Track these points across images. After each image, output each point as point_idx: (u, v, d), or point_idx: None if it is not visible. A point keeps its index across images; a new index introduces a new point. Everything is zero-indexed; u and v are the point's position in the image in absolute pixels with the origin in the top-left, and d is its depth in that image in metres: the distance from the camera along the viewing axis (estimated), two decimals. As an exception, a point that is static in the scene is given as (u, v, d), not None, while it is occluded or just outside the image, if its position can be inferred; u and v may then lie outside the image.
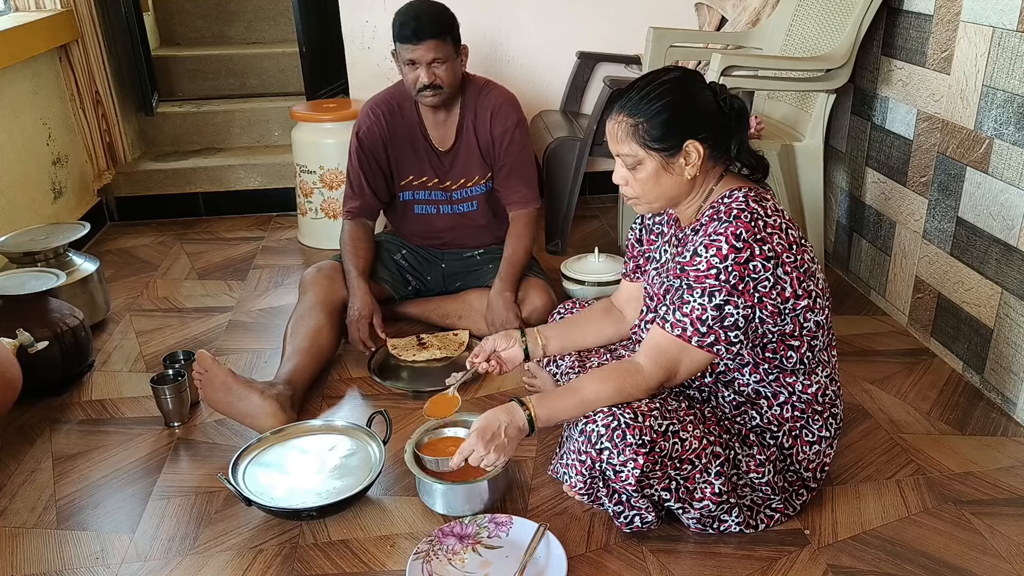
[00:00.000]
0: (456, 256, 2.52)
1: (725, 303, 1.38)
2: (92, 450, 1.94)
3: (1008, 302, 1.99)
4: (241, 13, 4.45)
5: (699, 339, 1.41)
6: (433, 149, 2.38)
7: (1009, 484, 1.76)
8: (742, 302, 1.39)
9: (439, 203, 2.45)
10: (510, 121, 2.36)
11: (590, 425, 1.46)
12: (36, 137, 2.98)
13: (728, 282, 1.38)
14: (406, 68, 2.24)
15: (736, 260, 1.37)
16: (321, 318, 2.22)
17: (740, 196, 1.44)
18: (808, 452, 1.57)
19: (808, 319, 1.46)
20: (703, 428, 1.49)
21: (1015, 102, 1.92)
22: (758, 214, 1.40)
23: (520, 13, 3.32)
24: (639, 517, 1.56)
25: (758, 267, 1.38)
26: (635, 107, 1.45)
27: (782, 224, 1.42)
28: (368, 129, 2.37)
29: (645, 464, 1.43)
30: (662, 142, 1.44)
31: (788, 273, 1.40)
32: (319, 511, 1.65)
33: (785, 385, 1.52)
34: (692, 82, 1.48)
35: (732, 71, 2.34)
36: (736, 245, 1.37)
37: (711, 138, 1.45)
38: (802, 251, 1.44)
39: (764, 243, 1.38)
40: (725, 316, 1.39)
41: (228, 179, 3.53)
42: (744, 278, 1.38)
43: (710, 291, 1.39)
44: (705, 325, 1.40)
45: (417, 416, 2.03)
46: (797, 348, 1.48)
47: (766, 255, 1.38)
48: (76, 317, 2.19)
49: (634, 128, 1.45)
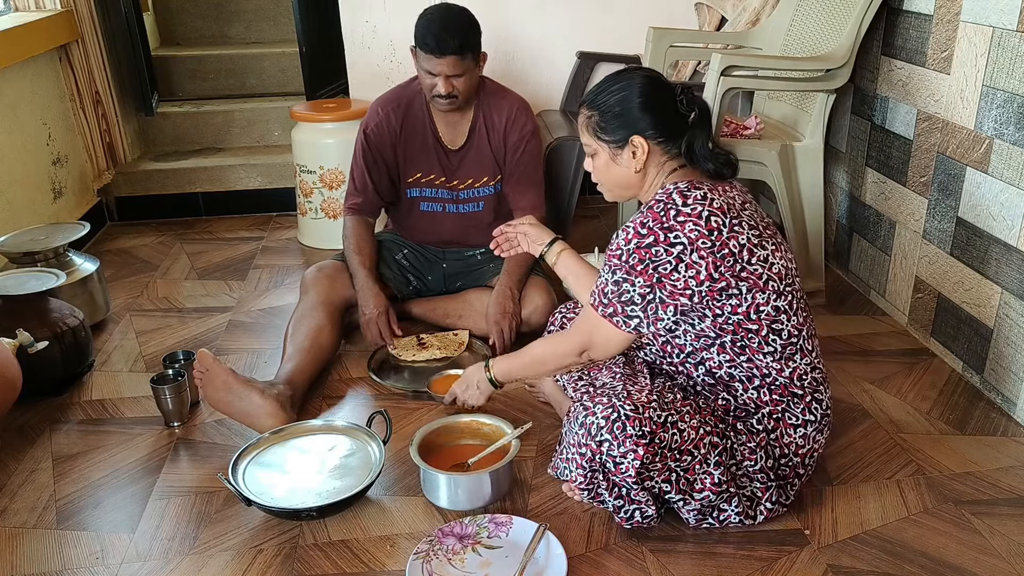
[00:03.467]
0: (457, 256, 2.52)
1: (623, 280, 1.49)
2: (92, 450, 1.94)
3: (1008, 302, 1.99)
4: (241, 13, 4.45)
5: (602, 309, 1.53)
6: (442, 147, 2.38)
7: (1009, 484, 1.76)
8: (640, 281, 1.48)
9: (445, 201, 2.44)
10: (526, 129, 2.36)
11: (590, 418, 1.48)
12: (36, 137, 2.98)
13: (627, 262, 1.48)
14: (424, 74, 2.22)
15: (638, 244, 1.47)
16: (322, 318, 2.22)
17: (669, 188, 1.51)
18: (794, 435, 1.58)
19: (756, 299, 1.49)
20: (700, 418, 1.52)
21: (1015, 102, 1.92)
22: (672, 204, 1.47)
23: (520, 13, 3.32)
24: (639, 511, 1.56)
25: (660, 252, 1.46)
26: (593, 102, 1.58)
27: (702, 212, 1.46)
28: (376, 126, 2.37)
29: (645, 455, 1.44)
30: (610, 134, 1.56)
31: (703, 258, 1.46)
32: (319, 511, 1.65)
33: (758, 367, 1.55)
34: (649, 80, 1.56)
35: (732, 71, 2.34)
36: (640, 232, 1.48)
37: (660, 135, 1.54)
38: (731, 238, 1.47)
39: (671, 231, 1.46)
40: (623, 292, 1.50)
41: (228, 179, 3.53)
42: (644, 260, 1.47)
43: (613, 268, 1.51)
44: (606, 297, 1.52)
45: (417, 416, 2.04)
46: (756, 331, 1.52)
47: (670, 241, 1.46)
48: (76, 317, 2.19)
49: (589, 120, 1.58)
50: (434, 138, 2.37)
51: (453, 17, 2.20)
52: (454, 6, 2.25)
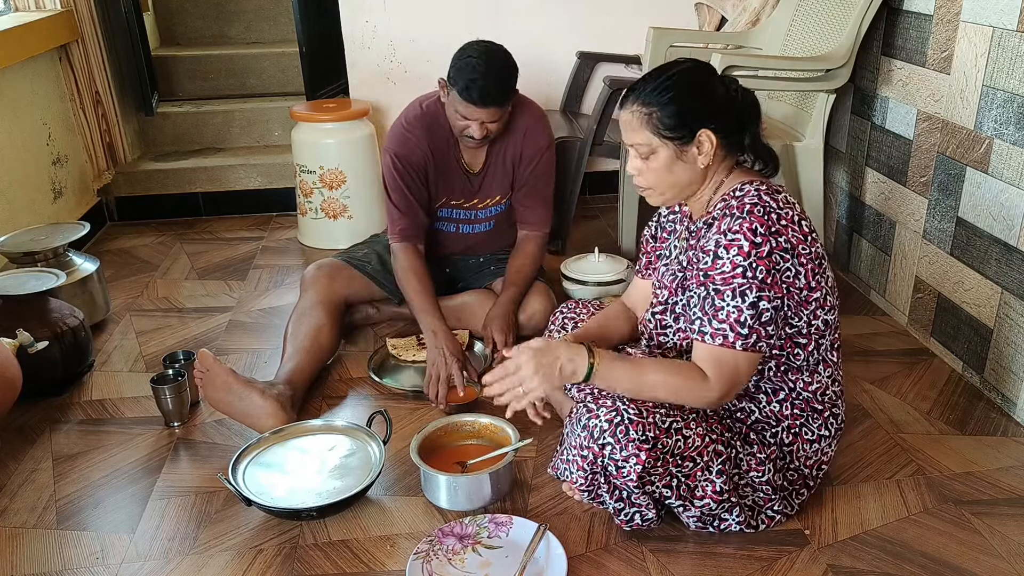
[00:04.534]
0: (462, 261, 2.51)
1: (759, 299, 1.38)
2: (92, 450, 1.94)
3: (1008, 302, 1.99)
4: (241, 13, 4.45)
5: (743, 342, 1.40)
6: (464, 171, 2.32)
7: (1009, 484, 1.76)
8: (772, 294, 1.39)
9: (460, 222, 2.40)
10: (542, 143, 2.30)
11: (592, 420, 1.46)
12: (36, 137, 2.98)
13: (756, 278, 1.38)
14: (456, 115, 2.12)
15: (758, 255, 1.38)
16: (322, 317, 2.21)
17: (752, 190, 1.44)
18: (808, 450, 1.57)
19: (818, 316, 1.47)
20: (706, 425, 1.50)
21: (1015, 102, 1.92)
22: (771, 207, 1.41)
23: (520, 13, 3.32)
24: (639, 515, 1.56)
25: (778, 259, 1.39)
26: (649, 96, 1.46)
27: (795, 216, 1.43)
28: (406, 148, 2.24)
29: (647, 460, 1.43)
30: (675, 130, 1.45)
31: (803, 264, 1.42)
32: (319, 511, 1.65)
33: (786, 382, 1.53)
34: (704, 73, 1.50)
35: (732, 71, 2.34)
36: (755, 240, 1.38)
37: (723, 128, 1.47)
38: (815, 244, 1.45)
39: (780, 235, 1.40)
40: (761, 312, 1.39)
41: (228, 179, 3.53)
42: (770, 270, 1.39)
43: (741, 291, 1.39)
44: (745, 327, 1.39)
45: (417, 416, 2.04)
46: (804, 346, 1.49)
47: (782, 247, 1.39)
48: (76, 317, 2.19)
49: (647, 117, 1.46)
50: (457, 163, 2.31)
51: (497, 64, 2.07)
52: (496, 50, 2.11)
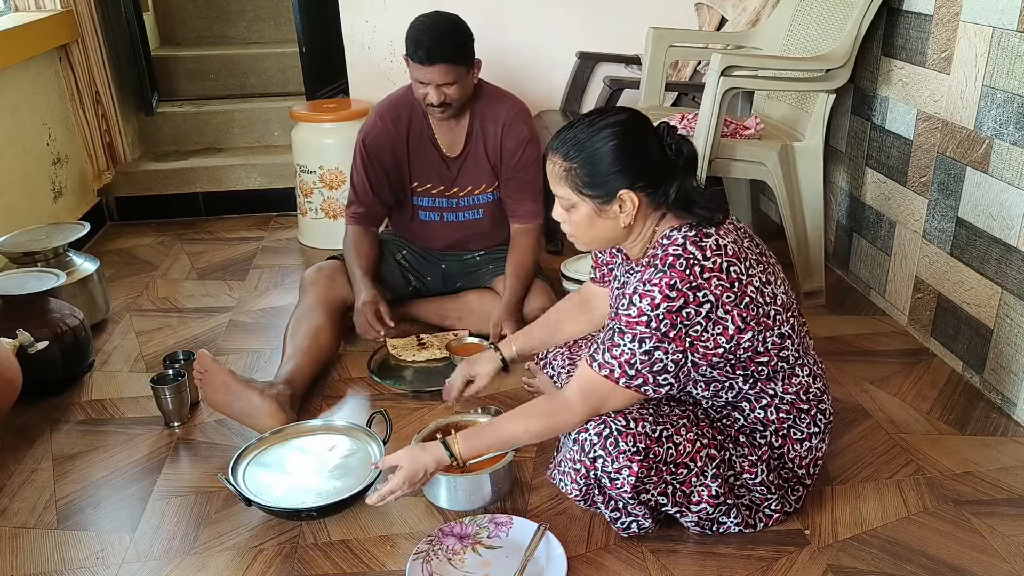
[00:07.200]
0: (457, 257, 2.51)
1: (655, 349, 1.38)
2: (92, 450, 1.94)
3: (1008, 302, 1.99)
4: (241, 13, 4.45)
5: (627, 380, 1.41)
6: (441, 155, 2.35)
7: (1009, 484, 1.76)
8: (673, 347, 1.38)
9: (443, 210, 2.43)
10: (523, 135, 2.32)
11: (583, 434, 1.46)
12: (36, 137, 2.98)
13: (659, 330, 1.37)
14: (416, 83, 2.19)
15: (668, 308, 1.36)
16: (321, 318, 2.21)
17: (679, 238, 1.40)
18: (800, 449, 1.57)
19: (765, 340, 1.45)
20: (696, 431, 1.50)
21: (1015, 102, 1.92)
22: (694, 260, 1.37)
23: (520, 13, 3.32)
24: (636, 523, 1.55)
25: (691, 313, 1.36)
26: (570, 151, 1.41)
27: (722, 264, 1.39)
28: (375, 136, 2.33)
29: (640, 470, 1.43)
30: (595, 189, 1.41)
31: (728, 312, 1.39)
32: (319, 511, 1.65)
33: (765, 390, 1.52)
34: (633, 126, 1.42)
35: (732, 71, 2.34)
36: (669, 295, 1.36)
37: (649, 186, 1.42)
38: (747, 283, 1.41)
39: (699, 289, 1.37)
40: (655, 361, 1.39)
41: (228, 179, 3.53)
42: (676, 325, 1.37)
43: (640, 337, 1.38)
44: (633, 368, 1.39)
45: (417, 416, 2.04)
46: (767, 363, 1.48)
47: (699, 301, 1.36)
48: (76, 317, 2.19)
49: (567, 172, 1.42)
50: (433, 146, 2.35)
51: (442, 25, 2.15)
52: (443, 13, 2.20)
